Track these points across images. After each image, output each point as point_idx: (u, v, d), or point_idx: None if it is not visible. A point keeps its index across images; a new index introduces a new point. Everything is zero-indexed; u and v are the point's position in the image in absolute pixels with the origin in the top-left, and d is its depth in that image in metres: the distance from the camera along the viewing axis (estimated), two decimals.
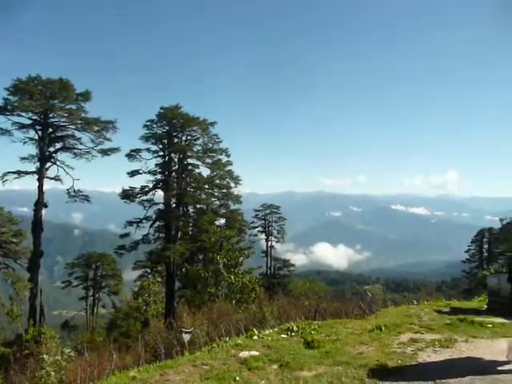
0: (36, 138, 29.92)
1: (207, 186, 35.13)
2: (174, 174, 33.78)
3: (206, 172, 35.14)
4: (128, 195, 33.10)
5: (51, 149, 30.78)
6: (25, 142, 30.01)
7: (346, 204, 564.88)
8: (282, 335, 8.25)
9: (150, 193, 33.52)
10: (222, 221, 36.28)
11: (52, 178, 30.73)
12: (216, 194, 36.23)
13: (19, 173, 29.75)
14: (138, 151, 33.31)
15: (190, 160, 34.44)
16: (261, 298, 22.39)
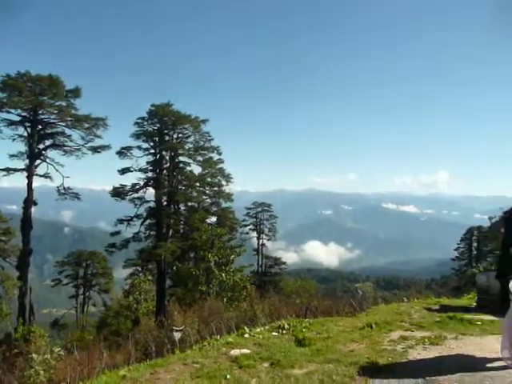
0: (25, 134, 29.64)
1: (198, 184, 35.05)
2: (165, 171, 33.65)
3: (197, 170, 35.11)
4: (119, 193, 32.91)
5: (41, 146, 30.50)
6: (14, 139, 29.73)
7: (337, 202, 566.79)
8: (273, 333, 8.24)
9: (140, 190, 33.41)
10: (214, 219, 36.24)
11: (41, 176, 30.50)
12: (207, 191, 36.18)
13: (8, 170, 29.45)
14: (128, 149, 33.13)
15: (181, 158, 34.38)
16: (252, 296, 22.38)
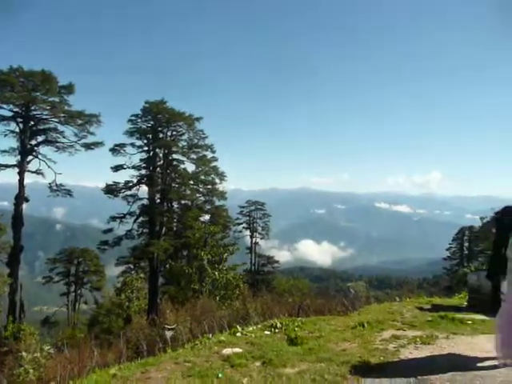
0: (17, 130, 29.40)
1: (192, 182, 34.98)
2: (158, 169, 33.54)
3: (191, 168, 35.06)
4: (112, 190, 32.76)
5: (33, 142, 30.25)
6: (5, 135, 29.50)
7: (330, 201, 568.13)
8: (266, 332, 8.23)
9: (134, 188, 33.28)
10: (207, 217, 36.18)
11: (33, 172, 30.26)
12: (201, 189, 36.11)
13: None
14: (122, 146, 33.00)
15: (174, 155, 34.28)
16: (245, 294, 22.39)
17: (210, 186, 35.97)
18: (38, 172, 30.39)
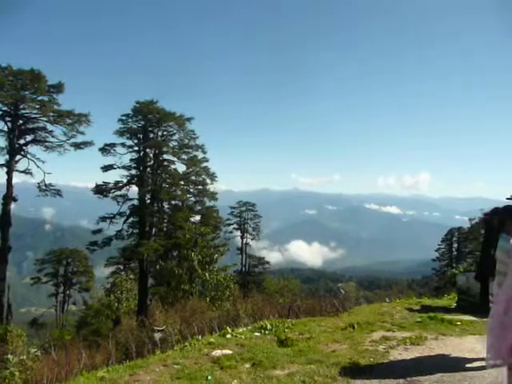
0: (5, 129, 28.95)
1: (183, 183, 34.84)
2: (149, 169, 33.36)
3: (181, 168, 34.88)
4: (101, 190, 32.50)
5: (21, 141, 29.85)
6: None
7: (320, 202, 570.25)
8: (256, 333, 8.20)
9: (124, 188, 33.03)
10: (198, 217, 36.04)
11: (22, 172, 29.85)
12: (191, 190, 35.98)
13: None
14: (112, 146, 32.75)
15: (165, 156, 34.11)
16: (235, 295, 22.37)
17: (200, 187, 35.86)
18: (26, 172, 29.99)
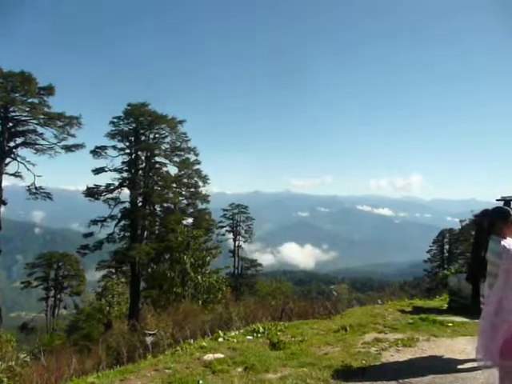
0: None
1: (175, 185, 34.73)
2: (140, 172, 33.19)
3: (173, 171, 34.80)
4: (92, 193, 32.29)
5: (11, 144, 29.63)
6: None
7: (313, 204, 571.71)
8: (248, 337, 8.16)
9: (115, 191, 32.85)
10: (190, 220, 35.91)
11: (12, 174, 29.62)
12: (184, 192, 35.86)
13: None
14: (103, 148, 32.57)
15: (157, 158, 34.00)
16: (228, 298, 22.29)
17: (192, 189, 35.75)
18: (16, 174, 29.75)
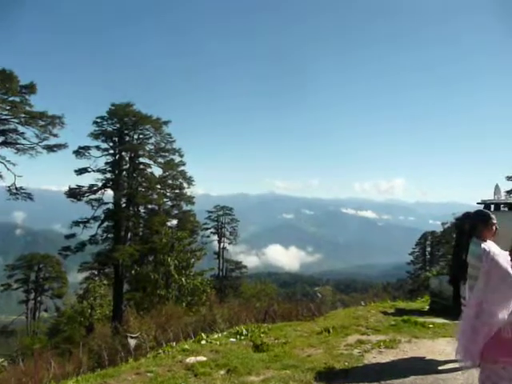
0: None
1: (159, 186, 34.50)
2: (124, 172, 32.89)
3: (158, 172, 34.57)
4: (75, 194, 31.86)
5: None
6: None
7: (298, 207, 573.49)
8: (231, 339, 8.13)
9: (98, 192, 32.49)
10: (174, 222, 35.73)
11: None
12: (168, 194, 35.65)
13: None
14: (86, 148, 32.18)
15: (141, 159, 33.74)
16: (212, 300, 22.23)
17: (177, 191, 35.56)
18: None
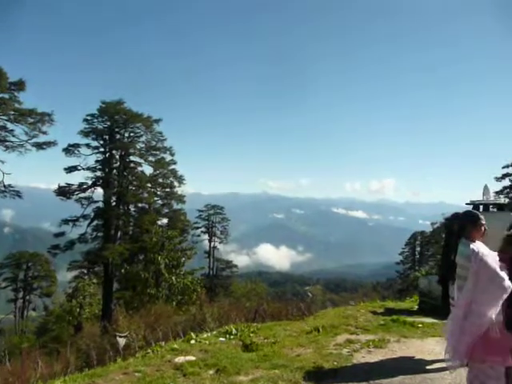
0: None
1: (150, 185, 34.32)
2: (114, 171, 32.66)
3: (148, 170, 34.39)
4: (64, 192, 31.57)
5: None
6: None
7: (289, 206, 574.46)
8: (221, 338, 8.11)
9: (88, 190, 32.23)
10: (165, 220, 35.54)
11: None
12: (159, 193, 35.46)
13: None
14: (76, 146, 31.89)
15: (132, 157, 33.55)
16: (202, 299, 22.15)
17: (168, 189, 35.37)
18: None
